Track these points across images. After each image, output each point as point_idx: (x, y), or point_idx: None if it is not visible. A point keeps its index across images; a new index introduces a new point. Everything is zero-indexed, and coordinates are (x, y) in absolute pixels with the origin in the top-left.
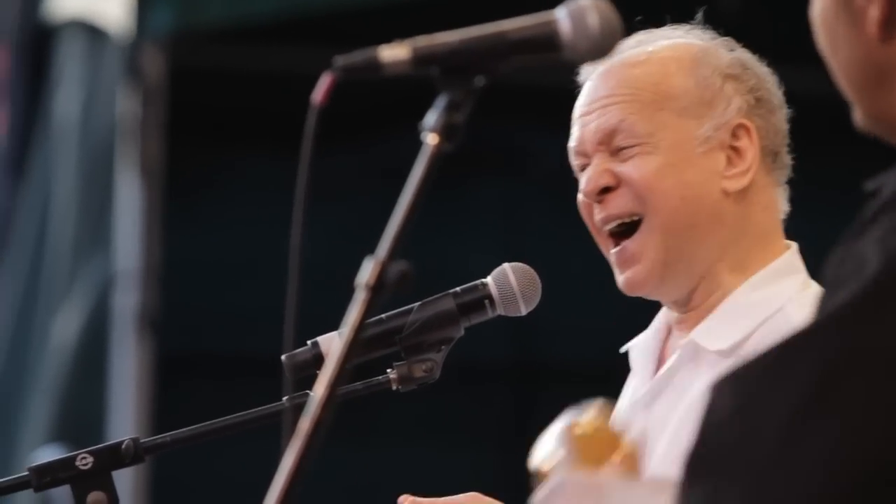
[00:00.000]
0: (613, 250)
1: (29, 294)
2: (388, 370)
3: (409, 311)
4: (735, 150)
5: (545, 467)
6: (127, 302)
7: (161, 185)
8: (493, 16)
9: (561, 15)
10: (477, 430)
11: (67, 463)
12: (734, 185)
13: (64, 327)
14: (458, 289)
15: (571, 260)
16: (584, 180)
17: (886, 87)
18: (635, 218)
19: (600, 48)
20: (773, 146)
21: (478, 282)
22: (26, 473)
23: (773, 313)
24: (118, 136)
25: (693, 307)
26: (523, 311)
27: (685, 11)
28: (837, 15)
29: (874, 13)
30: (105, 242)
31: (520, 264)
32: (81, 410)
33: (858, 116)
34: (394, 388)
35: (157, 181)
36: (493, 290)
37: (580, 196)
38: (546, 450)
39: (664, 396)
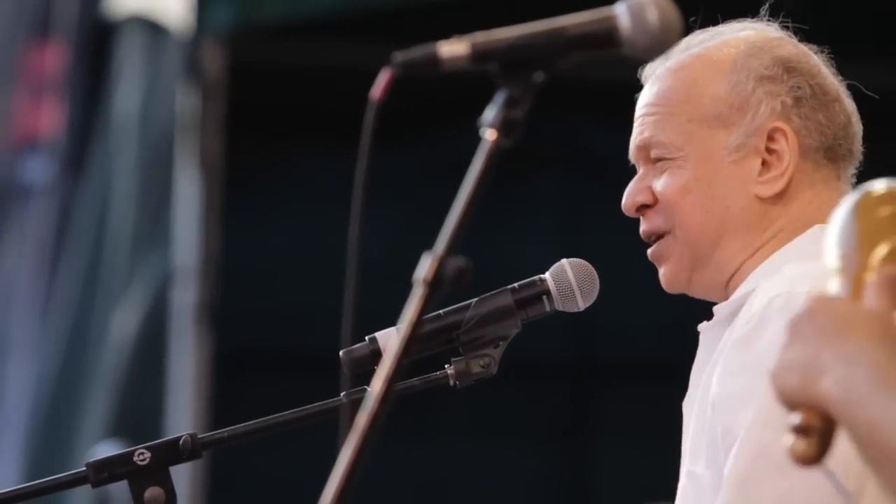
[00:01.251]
0: (650, 250)
1: (88, 289)
2: (446, 366)
3: (466, 307)
4: (772, 152)
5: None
6: (185, 298)
7: (220, 181)
8: (551, 12)
9: (620, 10)
10: (535, 426)
11: (125, 458)
12: (769, 189)
13: (123, 323)
14: (515, 284)
15: (629, 256)
16: (625, 194)
17: None
18: (662, 231)
19: (659, 44)
20: (823, 142)
21: (536, 277)
22: (83, 469)
23: (749, 293)
24: (177, 132)
25: (727, 297)
26: (581, 307)
27: (752, 6)
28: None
29: None
30: (164, 238)
31: (578, 260)
32: (140, 406)
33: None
34: (451, 383)
35: (215, 177)
36: (551, 285)
37: None
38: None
39: (692, 387)
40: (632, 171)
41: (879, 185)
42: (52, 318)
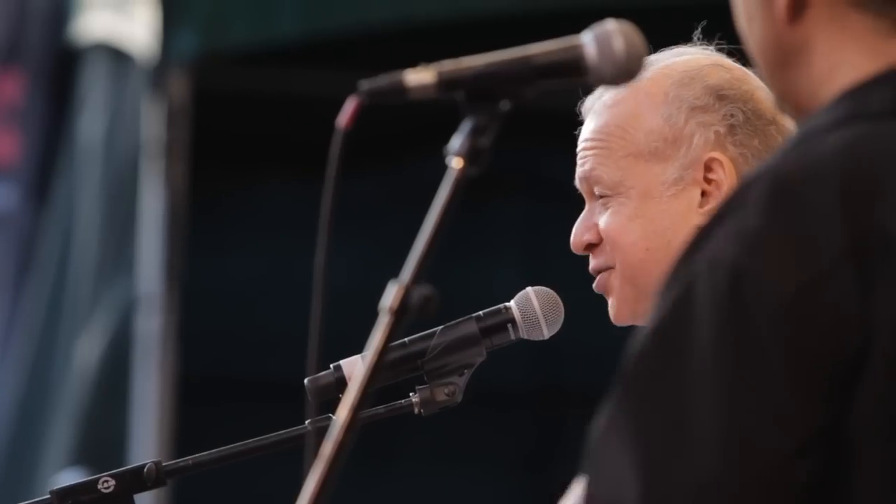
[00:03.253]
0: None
1: (52, 317)
2: (411, 394)
3: (431, 335)
4: (711, 182)
5: None
6: (149, 325)
7: (185, 209)
8: (518, 40)
9: (587, 39)
10: (499, 455)
11: (89, 486)
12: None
13: (86, 350)
14: (480, 312)
15: (594, 283)
16: (573, 232)
17: (792, 69)
18: (610, 267)
19: (626, 72)
20: None
21: (500, 306)
22: (48, 496)
23: None
24: (142, 159)
25: None
26: (546, 335)
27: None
28: None
29: None
30: (128, 265)
31: (543, 288)
32: (103, 433)
33: (773, 98)
34: (416, 412)
35: (180, 204)
36: (515, 313)
37: None
38: None
39: None
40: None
41: None
42: (15, 345)
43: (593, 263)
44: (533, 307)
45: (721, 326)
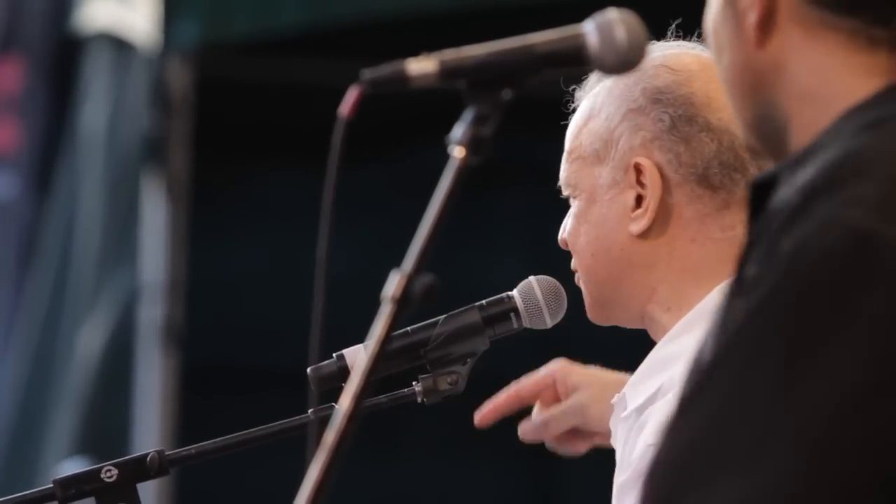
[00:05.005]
0: None
1: (54, 307)
2: (414, 383)
3: (434, 324)
4: (644, 186)
5: None
6: (152, 315)
7: (187, 199)
8: (520, 29)
9: (588, 28)
10: (502, 444)
11: (92, 475)
12: (637, 226)
13: (89, 340)
14: (483, 301)
15: None
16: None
17: (767, 89)
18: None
19: (627, 61)
20: (692, 173)
21: (503, 294)
22: (51, 486)
23: (672, 368)
24: (144, 150)
25: (657, 339)
26: (549, 324)
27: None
28: (724, 19)
29: (752, 17)
30: (130, 255)
31: (546, 277)
32: (106, 423)
33: (741, 133)
34: (419, 401)
35: (182, 194)
36: (518, 302)
37: None
38: None
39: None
40: None
41: None
42: (18, 335)
43: (573, 262)
44: (536, 296)
45: (849, 288)
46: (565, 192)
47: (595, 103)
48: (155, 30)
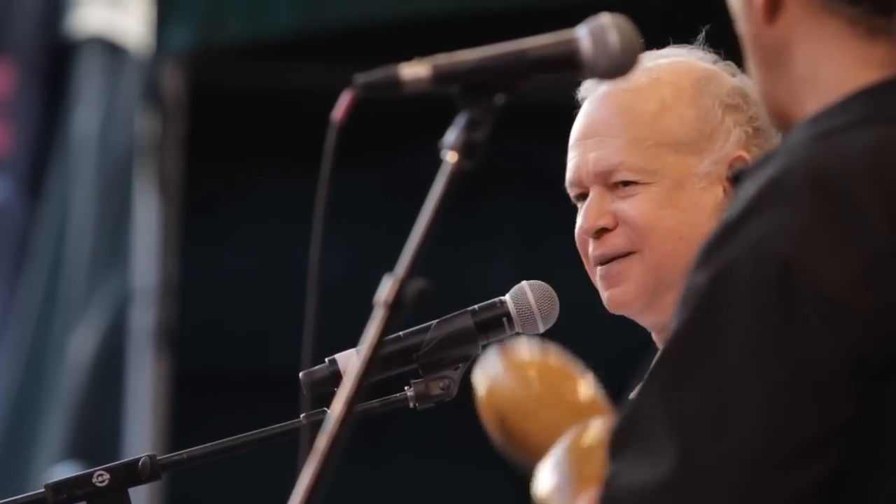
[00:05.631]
0: (600, 268)
1: (46, 310)
2: (406, 388)
3: (426, 329)
4: (732, 182)
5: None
6: (144, 319)
7: (179, 203)
8: (513, 34)
9: (581, 33)
10: (494, 449)
11: (84, 480)
12: None
13: (81, 344)
14: (476, 306)
15: (589, 278)
16: (583, 217)
17: (775, 69)
18: (625, 253)
19: (621, 66)
20: None
21: (496, 300)
22: (42, 490)
23: None
24: (136, 154)
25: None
26: (541, 329)
27: (691, 30)
28: None
29: None
30: (122, 260)
31: (538, 282)
32: (98, 427)
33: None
34: (411, 405)
35: (175, 198)
36: (511, 307)
37: (578, 228)
38: (545, 481)
39: None
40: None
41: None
42: (10, 339)
43: (604, 249)
44: (528, 301)
45: (765, 313)
46: (624, 177)
47: (659, 96)
48: (147, 33)
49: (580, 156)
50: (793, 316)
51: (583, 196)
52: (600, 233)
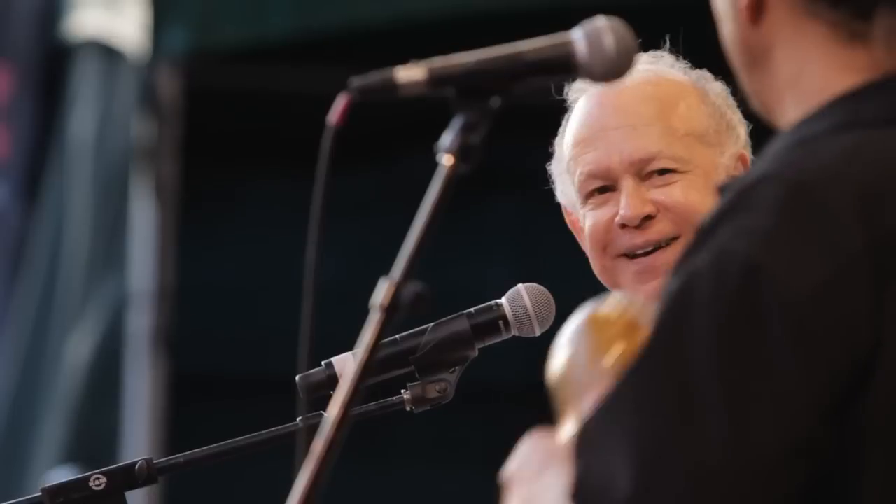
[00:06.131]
0: (636, 261)
1: (43, 315)
2: (402, 391)
3: (423, 332)
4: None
5: (557, 373)
6: (141, 323)
7: (176, 206)
8: (509, 37)
9: (577, 36)
10: (491, 452)
11: (81, 484)
12: None
13: (78, 348)
14: (472, 309)
15: (586, 280)
16: (625, 206)
17: (759, 70)
18: (671, 238)
19: (616, 69)
20: None
21: (492, 303)
22: (39, 494)
23: None
24: (133, 157)
25: None
26: (537, 332)
27: (681, 33)
28: None
29: None
30: (119, 263)
31: (534, 285)
32: (95, 431)
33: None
34: (408, 408)
35: (171, 202)
36: (507, 310)
37: (601, 220)
38: (559, 356)
39: None
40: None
41: (608, 305)
42: (7, 342)
43: (650, 236)
44: (524, 304)
45: (728, 318)
46: (665, 165)
47: (676, 89)
48: (144, 37)
49: (609, 146)
50: (756, 322)
51: (603, 189)
52: (644, 221)
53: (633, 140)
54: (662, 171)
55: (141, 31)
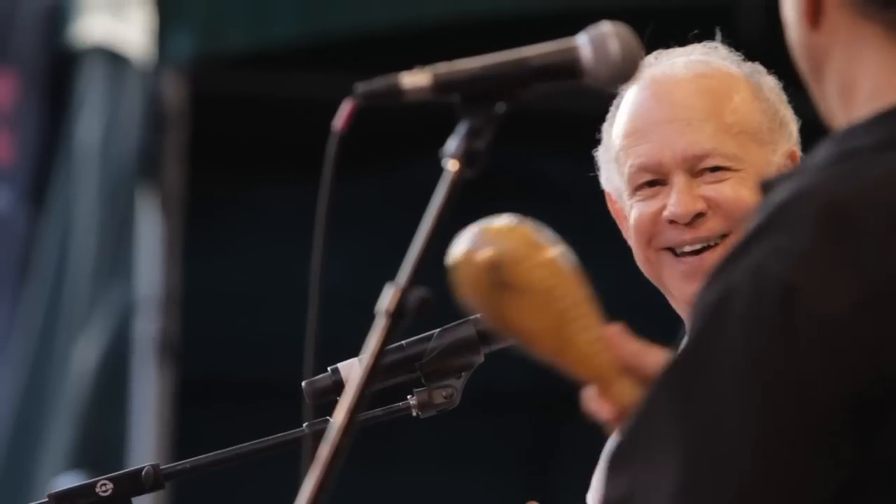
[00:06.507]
0: (686, 259)
1: (49, 321)
2: (409, 397)
3: (429, 338)
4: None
5: (454, 260)
6: (147, 329)
7: (182, 213)
8: (514, 43)
9: (582, 41)
10: (497, 458)
11: (87, 489)
12: None
13: (84, 354)
14: (478, 315)
15: (591, 284)
16: (675, 202)
17: (819, 76)
18: (721, 235)
19: (621, 74)
20: None
21: None
22: (46, 500)
23: None
24: (139, 163)
25: None
26: None
27: (688, 38)
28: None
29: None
30: (125, 269)
31: None
32: (101, 437)
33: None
34: (414, 414)
35: (177, 208)
36: None
37: (647, 213)
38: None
39: None
40: (592, 201)
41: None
42: (13, 349)
43: (701, 233)
44: None
45: (762, 338)
46: (718, 163)
47: (731, 84)
48: (149, 43)
49: (663, 140)
50: (792, 340)
51: (653, 182)
52: (695, 218)
53: (686, 136)
54: (715, 169)
55: (147, 37)
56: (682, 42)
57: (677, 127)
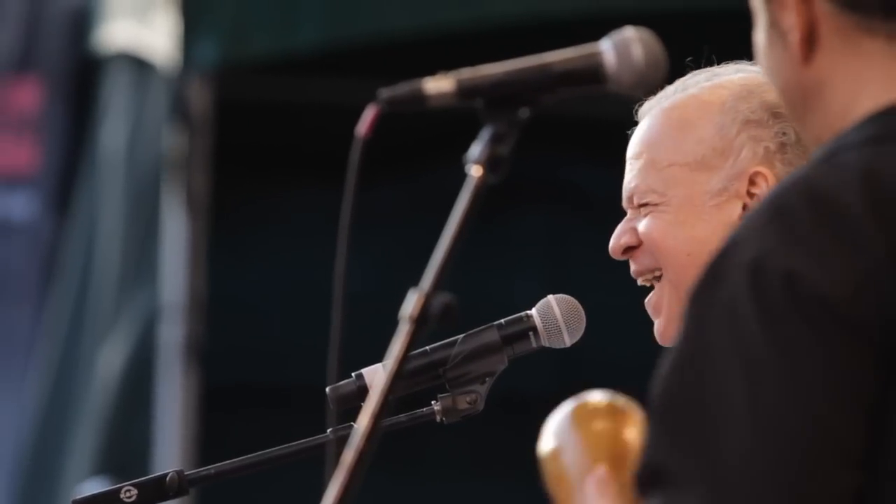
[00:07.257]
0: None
1: (75, 327)
2: (433, 402)
3: (453, 343)
4: (753, 196)
5: (546, 464)
6: (172, 334)
7: (207, 218)
8: (537, 48)
9: (605, 47)
10: (522, 463)
11: (112, 495)
12: None
13: (109, 360)
14: (502, 321)
15: (615, 291)
16: (612, 237)
17: (811, 110)
18: (658, 273)
19: (645, 80)
20: None
21: (522, 313)
22: None
23: None
24: (164, 169)
25: None
26: (567, 343)
27: (714, 44)
28: (771, 43)
29: (796, 35)
30: (151, 275)
31: (564, 296)
32: (126, 443)
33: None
34: (438, 420)
35: (202, 214)
36: (537, 321)
37: None
38: (548, 435)
39: None
40: (615, 207)
41: (596, 396)
42: (39, 355)
43: (635, 266)
44: (554, 315)
45: (773, 325)
46: (641, 199)
47: (686, 115)
48: (174, 49)
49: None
50: (806, 326)
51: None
52: (628, 251)
53: (627, 175)
54: (644, 204)
55: (172, 42)
56: (700, 48)
57: (628, 164)
